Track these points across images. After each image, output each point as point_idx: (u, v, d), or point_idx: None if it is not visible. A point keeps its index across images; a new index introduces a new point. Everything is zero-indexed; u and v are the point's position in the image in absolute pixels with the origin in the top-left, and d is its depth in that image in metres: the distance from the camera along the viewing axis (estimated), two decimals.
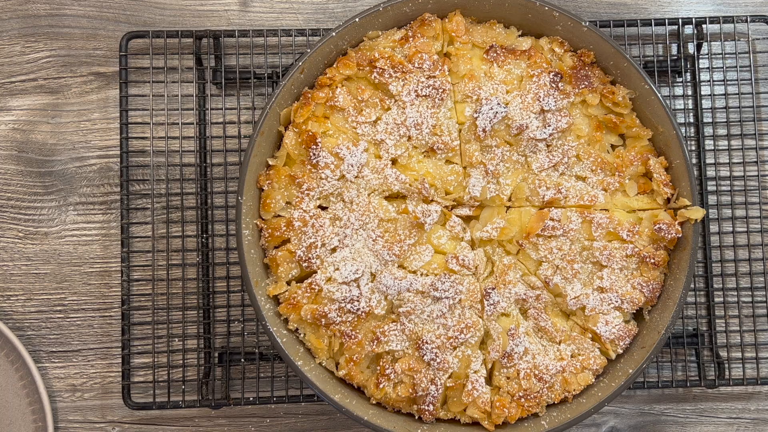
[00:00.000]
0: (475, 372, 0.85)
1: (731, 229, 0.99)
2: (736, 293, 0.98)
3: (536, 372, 0.85)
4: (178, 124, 0.98)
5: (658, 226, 0.85)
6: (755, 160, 0.99)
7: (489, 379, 0.87)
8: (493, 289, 0.85)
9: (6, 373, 0.97)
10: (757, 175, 0.99)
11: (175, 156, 0.99)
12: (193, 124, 0.98)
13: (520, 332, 0.85)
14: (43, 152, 1.01)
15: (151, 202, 0.98)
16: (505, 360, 0.85)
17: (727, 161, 0.99)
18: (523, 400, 0.85)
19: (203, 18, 1.01)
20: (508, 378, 0.86)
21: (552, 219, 0.85)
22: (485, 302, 0.85)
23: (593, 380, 0.87)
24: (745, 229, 0.99)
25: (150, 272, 0.97)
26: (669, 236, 0.86)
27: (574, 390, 0.86)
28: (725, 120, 1.00)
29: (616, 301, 0.86)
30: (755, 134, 0.99)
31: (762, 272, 0.99)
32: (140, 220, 0.99)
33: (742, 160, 0.99)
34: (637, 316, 0.89)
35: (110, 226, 1.00)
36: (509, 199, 0.88)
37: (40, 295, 1.00)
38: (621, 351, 0.87)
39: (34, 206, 1.01)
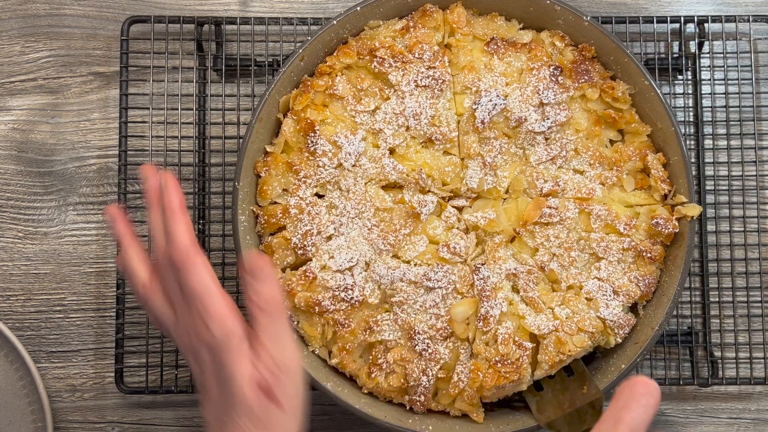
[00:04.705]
0: (461, 364, 0.84)
1: (728, 228, 0.99)
2: (731, 293, 0.98)
3: (516, 338, 0.84)
4: (177, 109, 0.98)
5: (655, 220, 0.85)
6: (754, 159, 0.99)
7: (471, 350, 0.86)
8: (483, 264, 0.85)
9: (6, 373, 0.96)
10: (756, 175, 0.99)
11: (173, 142, 0.99)
12: (192, 122, 0.98)
13: (497, 295, 0.84)
14: (43, 152, 1.01)
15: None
16: (481, 323, 0.84)
17: (726, 160, 0.99)
18: (499, 365, 0.83)
19: (203, 17, 1.01)
20: (486, 344, 0.84)
21: (549, 207, 0.85)
22: (475, 277, 0.84)
23: (590, 344, 0.85)
24: (742, 229, 0.99)
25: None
26: (666, 231, 0.85)
27: (569, 351, 0.83)
28: (725, 119, 0.99)
29: (612, 293, 0.85)
30: (755, 134, 0.99)
31: (758, 272, 0.98)
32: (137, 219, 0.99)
33: (740, 160, 0.99)
34: (632, 311, 0.89)
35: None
36: (506, 192, 0.88)
37: (39, 295, 1.00)
38: (620, 340, 0.86)
39: (33, 206, 1.01)
